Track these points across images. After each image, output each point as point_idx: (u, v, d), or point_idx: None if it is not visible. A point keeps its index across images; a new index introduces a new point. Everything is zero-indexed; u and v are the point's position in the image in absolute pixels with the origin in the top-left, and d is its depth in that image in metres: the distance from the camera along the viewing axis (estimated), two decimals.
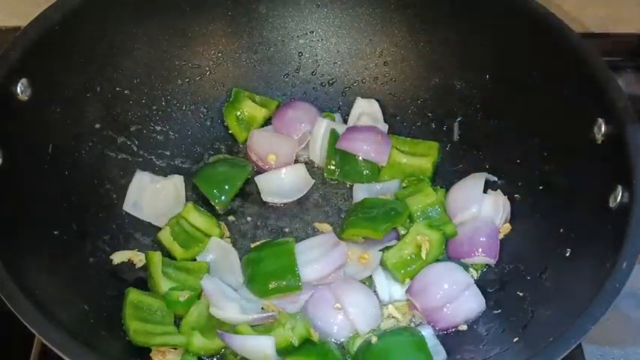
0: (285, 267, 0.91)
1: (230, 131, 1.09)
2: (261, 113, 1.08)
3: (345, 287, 0.92)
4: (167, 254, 0.96)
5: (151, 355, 0.87)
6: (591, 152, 0.86)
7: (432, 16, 1.05)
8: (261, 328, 0.88)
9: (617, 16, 1.24)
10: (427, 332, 0.90)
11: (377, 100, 1.11)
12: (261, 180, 1.04)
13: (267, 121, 1.11)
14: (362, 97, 1.10)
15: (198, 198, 1.03)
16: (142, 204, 1.00)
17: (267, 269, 0.92)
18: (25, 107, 0.87)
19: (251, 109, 1.08)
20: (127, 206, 1.00)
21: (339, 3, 1.10)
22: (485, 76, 1.02)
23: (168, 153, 1.07)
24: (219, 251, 0.96)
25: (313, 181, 1.04)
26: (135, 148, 1.04)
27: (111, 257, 0.95)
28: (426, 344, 0.87)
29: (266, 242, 0.97)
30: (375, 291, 0.94)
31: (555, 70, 0.93)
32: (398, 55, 1.10)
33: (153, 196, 1.00)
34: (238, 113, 1.08)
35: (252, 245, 0.98)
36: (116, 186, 1.00)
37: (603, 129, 0.84)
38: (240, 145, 1.09)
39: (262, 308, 0.91)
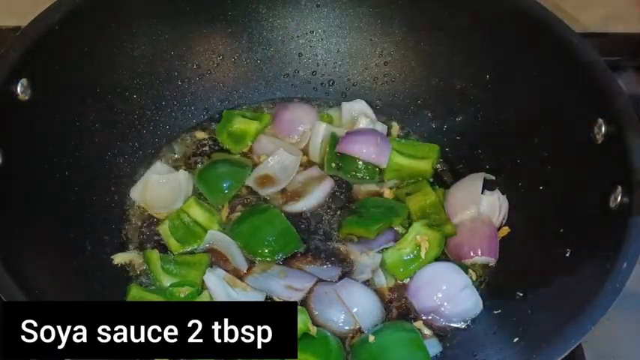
0: (283, 231, 0.97)
1: (225, 146, 1.08)
2: (253, 126, 1.08)
3: (348, 287, 0.92)
4: (166, 248, 0.97)
5: None
6: (591, 152, 0.86)
7: (432, 16, 1.05)
8: None
9: (617, 16, 1.24)
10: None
11: (378, 100, 1.11)
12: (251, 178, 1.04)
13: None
14: (346, 101, 1.10)
15: (201, 194, 1.03)
16: (145, 193, 1.01)
17: (266, 236, 0.96)
18: (25, 107, 0.87)
19: (242, 124, 1.08)
20: (134, 192, 1.01)
21: (339, 3, 1.10)
22: (486, 76, 1.02)
23: (168, 153, 1.07)
24: (218, 243, 0.97)
25: (299, 159, 1.04)
26: (135, 149, 1.04)
27: (112, 257, 0.95)
28: (422, 341, 0.87)
29: (246, 212, 0.99)
30: (376, 290, 0.94)
31: (555, 70, 0.93)
32: (398, 55, 1.11)
33: (155, 187, 1.00)
34: (230, 130, 1.08)
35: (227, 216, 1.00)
36: (116, 186, 1.01)
37: (603, 129, 0.84)
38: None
39: (269, 298, 0.92)
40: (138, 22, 1.01)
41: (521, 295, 0.89)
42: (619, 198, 0.79)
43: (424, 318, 0.92)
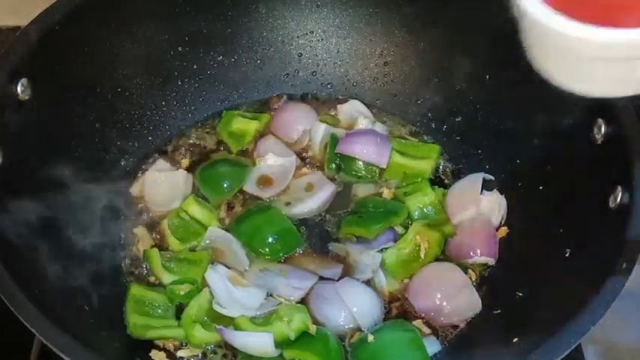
0: (284, 230, 0.97)
1: (225, 145, 1.09)
2: (253, 126, 1.08)
3: (348, 286, 0.92)
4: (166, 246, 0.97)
5: (150, 354, 0.87)
6: (591, 152, 0.86)
7: (432, 16, 1.05)
8: (260, 320, 0.89)
9: None
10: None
11: (377, 100, 1.11)
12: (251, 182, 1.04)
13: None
14: (340, 104, 1.11)
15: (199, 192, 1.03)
16: (144, 191, 1.01)
17: (267, 235, 0.96)
18: (25, 107, 0.87)
19: (242, 124, 1.08)
20: (134, 189, 1.02)
21: (339, 3, 1.10)
22: (486, 76, 1.02)
23: (169, 153, 1.07)
24: (219, 240, 0.97)
25: (293, 159, 1.04)
26: (135, 149, 1.04)
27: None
28: (421, 340, 0.87)
29: (247, 211, 0.99)
30: (376, 290, 0.94)
31: None
32: (398, 55, 1.11)
33: (155, 185, 1.01)
34: (230, 130, 1.08)
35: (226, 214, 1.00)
36: (116, 186, 1.00)
37: (603, 129, 0.84)
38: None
39: (269, 295, 0.92)
40: (138, 22, 1.01)
41: (521, 295, 0.89)
42: (619, 198, 0.79)
43: (424, 317, 0.92)
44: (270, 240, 0.97)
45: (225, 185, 1.02)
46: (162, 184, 1.01)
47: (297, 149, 1.08)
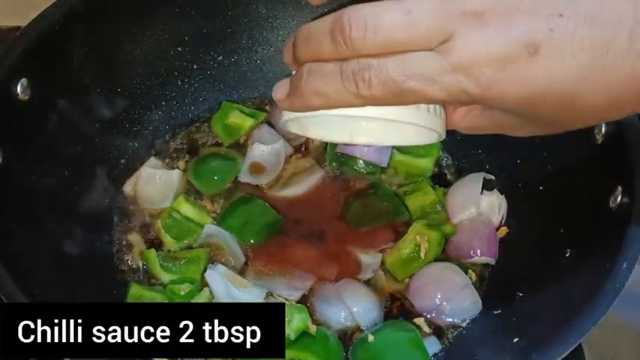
0: (269, 217, 0.99)
1: (217, 139, 1.09)
2: (247, 123, 1.08)
3: (348, 286, 0.92)
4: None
5: None
6: (591, 152, 0.86)
7: None
8: None
9: None
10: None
11: None
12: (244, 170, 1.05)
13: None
14: None
15: (190, 189, 1.03)
16: (137, 188, 1.01)
17: (256, 226, 0.98)
18: (25, 107, 0.87)
19: (238, 118, 1.08)
20: (126, 187, 1.01)
21: (340, 3, 1.10)
22: None
23: (166, 151, 1.07)
24: (215, 236, 0.97)
25: (284, 146, 1.05)
26: (135, 148, 1.04)
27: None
28: (421, 340, 0.87)
29: (232, 205, 1.00)
30: (376, 290, 0.94)
31: None
32: None
33: (147, 183, 1.01)
34: (225, 122, 1.08)
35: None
36: (116, 186, 1.01)
37: (603, 129, 0.84)
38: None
39: (269, 294, 0.92)
40: (138, 22, 1.01)
41: (521, 295, 0.89)
42: (619, 198, 0.79)
43: (424, 316, 0.92)
44: (259, 230, 0.98)
45: (216, 178, 1.03)
46: (155, 182, 1.01)
47: (295, 145, 1.07)
